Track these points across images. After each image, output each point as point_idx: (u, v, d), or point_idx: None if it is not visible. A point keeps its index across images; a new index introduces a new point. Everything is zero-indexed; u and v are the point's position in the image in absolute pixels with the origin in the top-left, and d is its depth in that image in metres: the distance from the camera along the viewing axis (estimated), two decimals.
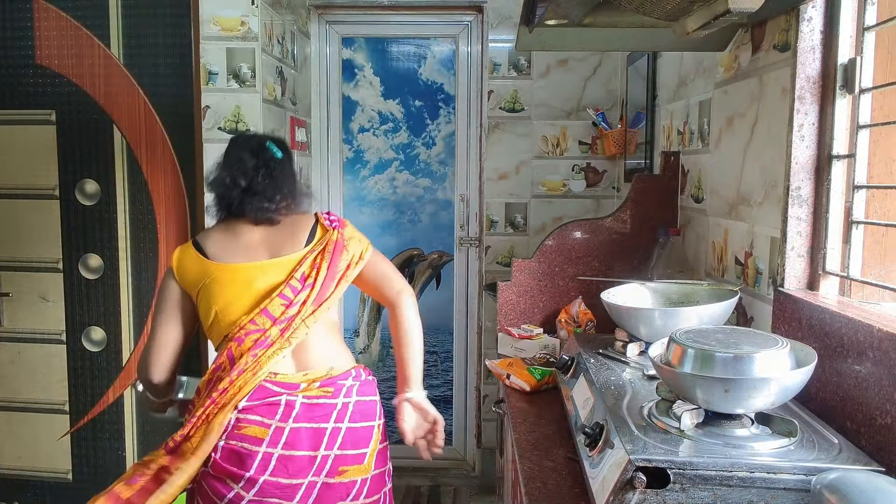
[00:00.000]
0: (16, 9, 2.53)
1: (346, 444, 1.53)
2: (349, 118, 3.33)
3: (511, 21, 3.09)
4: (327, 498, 1.50)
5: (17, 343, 2.69)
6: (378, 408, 1.65)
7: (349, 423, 1.54)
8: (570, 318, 2.09)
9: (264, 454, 1.46)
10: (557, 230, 2.21)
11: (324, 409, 1.53)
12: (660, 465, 0.98)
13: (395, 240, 3.40)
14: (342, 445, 1.52)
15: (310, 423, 1.51)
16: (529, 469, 1.30)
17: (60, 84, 2.56)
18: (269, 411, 1.49)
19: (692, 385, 1.08)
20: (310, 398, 1.52)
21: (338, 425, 1.53)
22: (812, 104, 1.40)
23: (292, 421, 1.49)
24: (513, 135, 3.17)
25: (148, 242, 2.59)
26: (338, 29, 3.27)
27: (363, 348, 3.46)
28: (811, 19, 1.38)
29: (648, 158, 2.55)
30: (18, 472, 2.74)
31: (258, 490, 1.45)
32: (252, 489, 1.45)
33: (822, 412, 1.23)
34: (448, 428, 3.44)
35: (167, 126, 2.54)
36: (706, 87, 1.95)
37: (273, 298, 1.54)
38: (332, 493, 1.50)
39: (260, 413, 1.49)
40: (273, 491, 1.46)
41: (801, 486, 0.96)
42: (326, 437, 1.51)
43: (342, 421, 1.53)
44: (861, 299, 1.33)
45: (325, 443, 1.51)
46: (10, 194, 2.63)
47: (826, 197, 1.39)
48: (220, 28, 2.44)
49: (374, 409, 1.63)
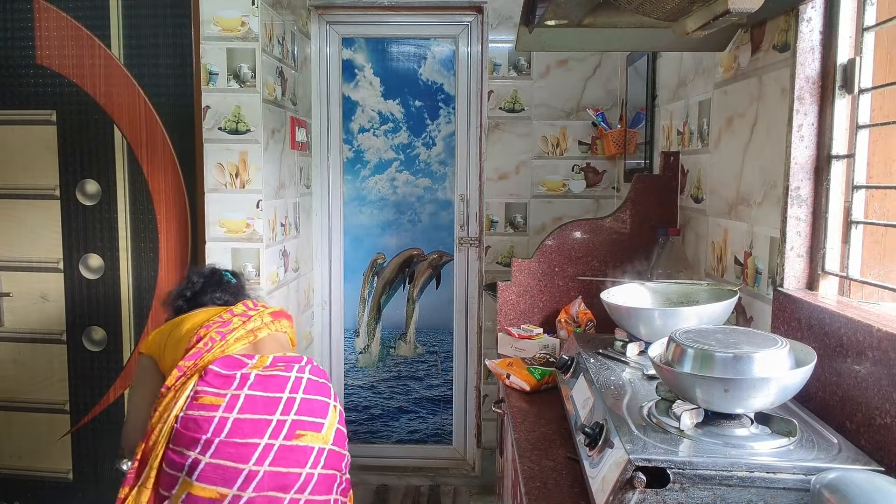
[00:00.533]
0: (16, 9, 2.54)
1: (302, 411, 1.57)
2: (349, 118, 3.33)
3: (511, 21, 3.10)
4: (285, 460, 1.51)
5: (17, 343, 2.69)
6: (332, 392, 1.69)
7: (304, 395, 1.59)
8: (570, 318, 2.09)
9: (220, 418, 1.51)
10: (557, 230, 2.21)
11: (277, 380, 1.59)
12: (659, 465, 0.99)
13: (395, 240, 3.40)
14: (298, 412, 1.56)
15: (264, 391, 1.57)
16: (529, 469, 1.30)
17: (61, 84, 2.56)
18: (224, 383, 1.57)
19: (692, 385, 1.08)
20: (264, 371, 1.60)
21: (293, 395, 1.58)
22: (811, 104, 1.40)
23: (247, 389, 1.56)
24: (513, 135, 3.17)
25: (148, 242, 2.59)
26: (338, 29, 3.27)
27: (363, 348, 3.46)
28: (810, 20, 1.38)
29: (648, 158, 2.56)
30: (18, 472, 2.74)
31: (214, 451, 1.48)
32: (208, 451, 1.48)
33: (821, 412, 1.24)
34: (448, 428, 3.45)
35: (167, 126, 2.55)
36: (706, 88, 1.95)
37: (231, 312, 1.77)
38: (290, 455, 1.51)
39: (216, 385, 1.56)
40: (227, 450, 1.48)
41: (800, 485, 0.96)
42: (282, 404, 1.56)
43: (297, 392, 1.59)
44: (860, 299, 1.33)
45: (282, 408, 1.55)
46: (10, 194, 2.64)
47: (825, 197, 1.39)
48: (220, 28, 2.44)
49: (328, 390, 1.67)
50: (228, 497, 1.46)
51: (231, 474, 1.47)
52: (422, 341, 3.45)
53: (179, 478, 1.49)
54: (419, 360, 3.45)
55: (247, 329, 1.71)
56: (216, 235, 2.51)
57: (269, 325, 1.78)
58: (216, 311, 1.77)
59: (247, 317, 1.75)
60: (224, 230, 2.50)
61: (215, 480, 1.47)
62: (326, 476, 1.57)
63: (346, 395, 3.46)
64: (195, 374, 1.60)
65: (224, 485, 1.47)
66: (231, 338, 1.66)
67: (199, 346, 1.63)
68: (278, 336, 1.80)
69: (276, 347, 1.76)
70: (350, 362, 3.46)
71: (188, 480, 1.48)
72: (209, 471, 1.47)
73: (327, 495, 1.56)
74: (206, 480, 1.47)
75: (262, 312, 1.80)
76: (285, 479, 1.50)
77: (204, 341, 1.65)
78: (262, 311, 1.81)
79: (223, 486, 1.46)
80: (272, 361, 1.64)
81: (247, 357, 1.64)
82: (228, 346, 1.65)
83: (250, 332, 1.71)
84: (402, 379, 3.46)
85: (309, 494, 1.52)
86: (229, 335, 1.67)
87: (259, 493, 1.47)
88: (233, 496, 1.46)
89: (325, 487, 1.56)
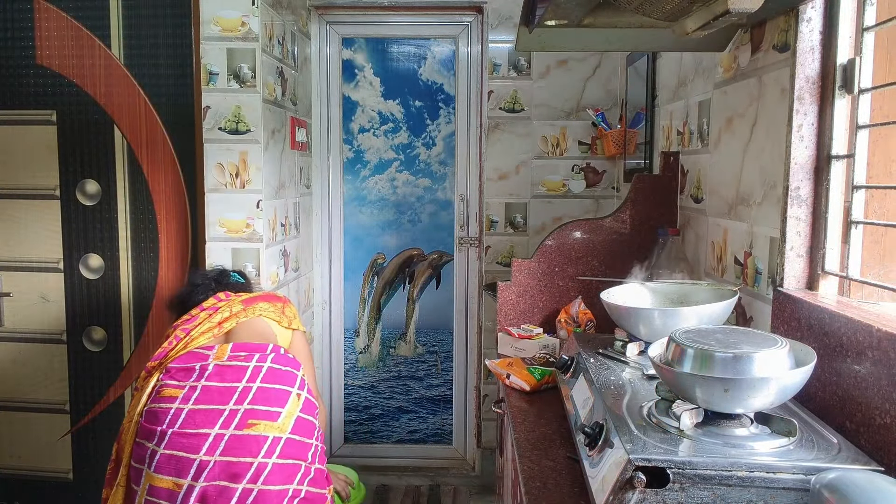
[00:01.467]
0: (16, 9, 2.54)
1: (256, 400, 1.56)
2: (349, 118, 3.33)
3: (511, 21, 3.10)
4: (236, 450, 1.50)
5: (17, 343, 2.69)
6: (298, 380, 1.67)
7: (261, 383, 1.59)
8: (570, 317, 2.09)
9: (176, 409, 1.54)
10: (557, 230, 2.22)
11: (236, 371, 1.60)
12: (659, 465, 0.99)
13: (395, 240, 3.40)
14: (252, 401, 1.56)
15: (221, 382, 1.57)
16: (529, 469, 1.30)
17: (61, 84, 2.56)
18: (185, 375, 1.59)
19: (692, 385, 1.08)
20: (222, 361, 1.61)
21: (249, 384, 1.58)
22: (811, 104, 1.40)
23: (204, 380, 1.57)
24: (513, 135, 3.17)
25: (148, 242, 2.59)
26: (338, 29, 3.27)
27: (363, 348, 3.46)
28: (810, 20, 1.38)
29: (648, 158, 2.56)
30: (18, 472, 2.74)
31: (167, 443, 1.51)
32: (163, 442, 1.51)
33: (821, 412, 1.24)
34: (448, 427, 3.45)
35: (168, 126, 2.55)
36: (706, 88, 1.95)
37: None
38: (241, 444, 1.51)
39: (178, 378, 1.59)
40: (180, 441, 1.50)
41: (800, 485, 0.96)
42: (237, 393, 1.56)
43: (254, 381, 1.59)
44: (860, 299, 1.33)
45: (236, 398, 1.55)
46: (10, 194, 2.64)
47: (825, 197, 1.39)
48: (220, 28, 2.45)
49: (292, 378, 1.65)
50: (184, 487, 1.47)
51: (184, 464, 1.49)
52: (422, 341, 3.45)
53: (143, 471, 1.53)
54: (419, 360, 3.45)
55: (213, 322, 1.72)
56: (216, 235, 2.51)
57: (241, 313, 1.77)
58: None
59: (214, 309, 1.76)
60: (224, 230, 2.50)
61: (170, 471, 1.49)
62: (284, 466, 1.54)
63: (346, 395, 3.46)
64: (158, 372, 1.63)
65: (178, 475, 1.48)
66: (196, 332, 1.68)
67: (164, 346, 1.66)
68: (254, 323, 1.78)
69: (250, 335, 1.74)
70: (350, 362, 3.46)
71: (149, 472, 1.51)
72: (164, 461, 1.50)
73: (285, 485, 1.53)
74: (161, 471, 1.50)
75: (233, 302, 1.80)
76: (236, 469, 1.49)
77: (170, 340, 1.68)
78: (232, 300, 1.80)
79: (177, 476, 1.48)
80: (232, 350, 1.64)
81: (207, 349, 1.65)
82: (192, 341, 1.67)
83: (217, 325, 1.72)
84: (402, 379, 3.46)
85: (262, 484, 1.50)
86: (194, 330, 1.69)
87: (210, 482, 1.47)
88: (187, 486, 1.47)
89: (281, 477, 1.53)
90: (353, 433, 3.47)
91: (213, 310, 1.76)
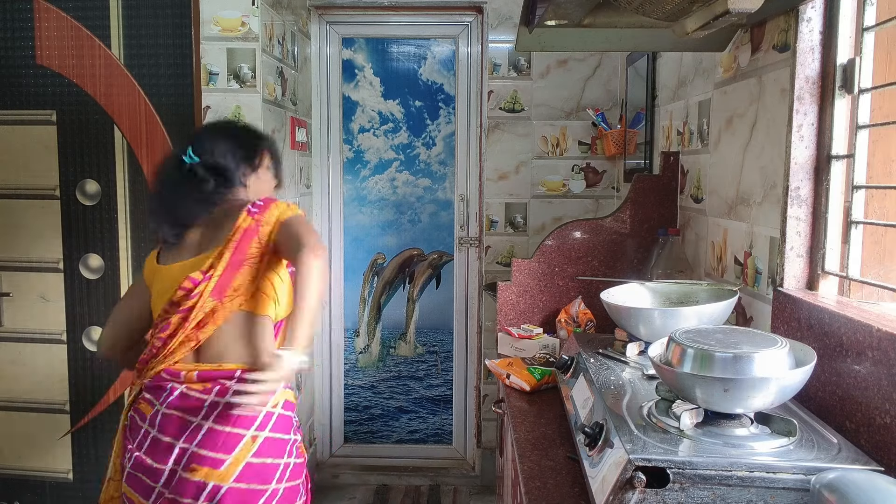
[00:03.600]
0: (16, 9, 2.54)
1: (204, 443, 1.48)
2: (349, 118, 3.33)
3: (511, 21, 3.10)
4: (180, 491, 1.47)
5: (17, 343, 2.69)
6: (260, 419, 1.52)
7: (212, 423, 1.49)
8: (570, 317, 2.09)
9: (144, 431, 1.53)
10: (557, 230, 2.22)
11: (195, 402, 1.51)
12: (659, 465, 0.99)
13: (395, 240, 3.40)
14: (200, 444, 1.47)
15: (182, 412, 1.51)
16: (529, 469, 1.30)
17: (61, 84, 2.56)
18: (158, 394, 1.55)
19: (692, 385, 1.08)
20: (189, 388, 1.52)
21: (202, 422, 1.49)
22: (811, 104, 1.40)
23: (166, 407, 1.52)
24: (512, 135, 3.17)
25: (148, 242, 2.59)
26: (338, 29, 3.27)
27: (363, 348, 3.46)
28: (810, 20, 1.38)
29: (648, 158, 2.56)
30: (18, 472, 2.74)
31: (133, 463, 1.52)
32: (130, 461, 1.53)
33: (821, 412, 1.24)
34: (448, 428, 3.45)
35: (168, 126, 2.54)
36: (705, 88, 1.95)
37: (175, 290, 1.55)
38: (184, 487, 1.46)
39: (153, 394, 1.55)
40: (144, 464, 1.50)
41: (800, 485, 0.96)
42: (189, 430, 1.49)
43: (207, 419, 1.49)
44: (860, 299, 1.33)
45: (186, 435, 1.49)
46: (10, 194, 2.63)
47: (825, 197, 1.39)
48: (220, 28, 2.45)
49: (249, 420, 1.51)
50: None
51: (145, 489, 1.50)
52: (422, 341, 3.45)
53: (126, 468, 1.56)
54: (419, 360, 3.45)
55: (186, 332, 1.54)
56: None
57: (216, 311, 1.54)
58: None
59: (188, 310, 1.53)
60: None
61: (137, 489, 1.51)
62: None
63: (346, 395, 3.46)
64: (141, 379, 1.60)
65: (143, 495, 1.50)
66: (173, 343, 1.54)
67: (144, 353, 1.60)
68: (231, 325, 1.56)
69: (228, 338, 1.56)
70: (350, 362, 3.46)
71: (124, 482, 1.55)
72: (131, 478, 1.53)
73: None
74: (130, 485, 1.53)
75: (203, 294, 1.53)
76: None
77: (149, 347, 1.59)
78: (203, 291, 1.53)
79: (143, 496, 1.50)
80: (197, 378, 1.53)
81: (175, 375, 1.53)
82: (169, 354, 1.54)
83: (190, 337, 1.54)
84: (402, 379, 3.46)
85: None
86: (170, 341, 1.54)
87: None
88: None
89: None
90: (353, 433, 3.47)
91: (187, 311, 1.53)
